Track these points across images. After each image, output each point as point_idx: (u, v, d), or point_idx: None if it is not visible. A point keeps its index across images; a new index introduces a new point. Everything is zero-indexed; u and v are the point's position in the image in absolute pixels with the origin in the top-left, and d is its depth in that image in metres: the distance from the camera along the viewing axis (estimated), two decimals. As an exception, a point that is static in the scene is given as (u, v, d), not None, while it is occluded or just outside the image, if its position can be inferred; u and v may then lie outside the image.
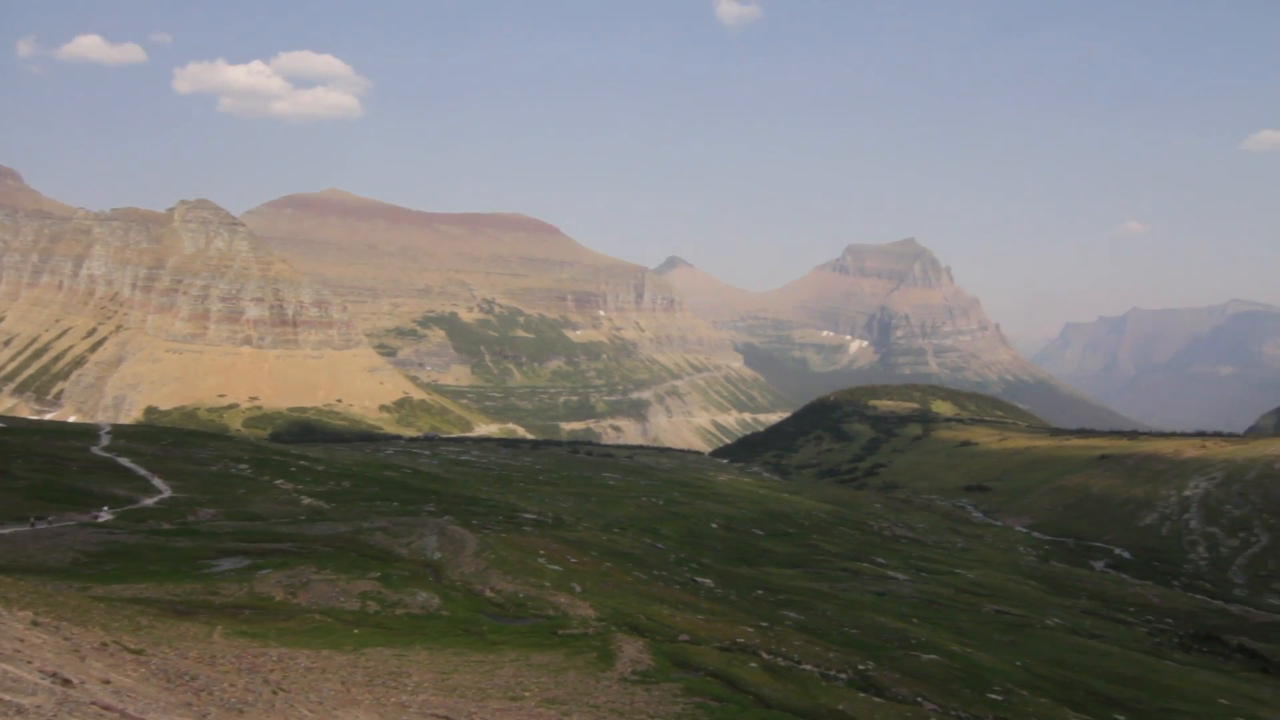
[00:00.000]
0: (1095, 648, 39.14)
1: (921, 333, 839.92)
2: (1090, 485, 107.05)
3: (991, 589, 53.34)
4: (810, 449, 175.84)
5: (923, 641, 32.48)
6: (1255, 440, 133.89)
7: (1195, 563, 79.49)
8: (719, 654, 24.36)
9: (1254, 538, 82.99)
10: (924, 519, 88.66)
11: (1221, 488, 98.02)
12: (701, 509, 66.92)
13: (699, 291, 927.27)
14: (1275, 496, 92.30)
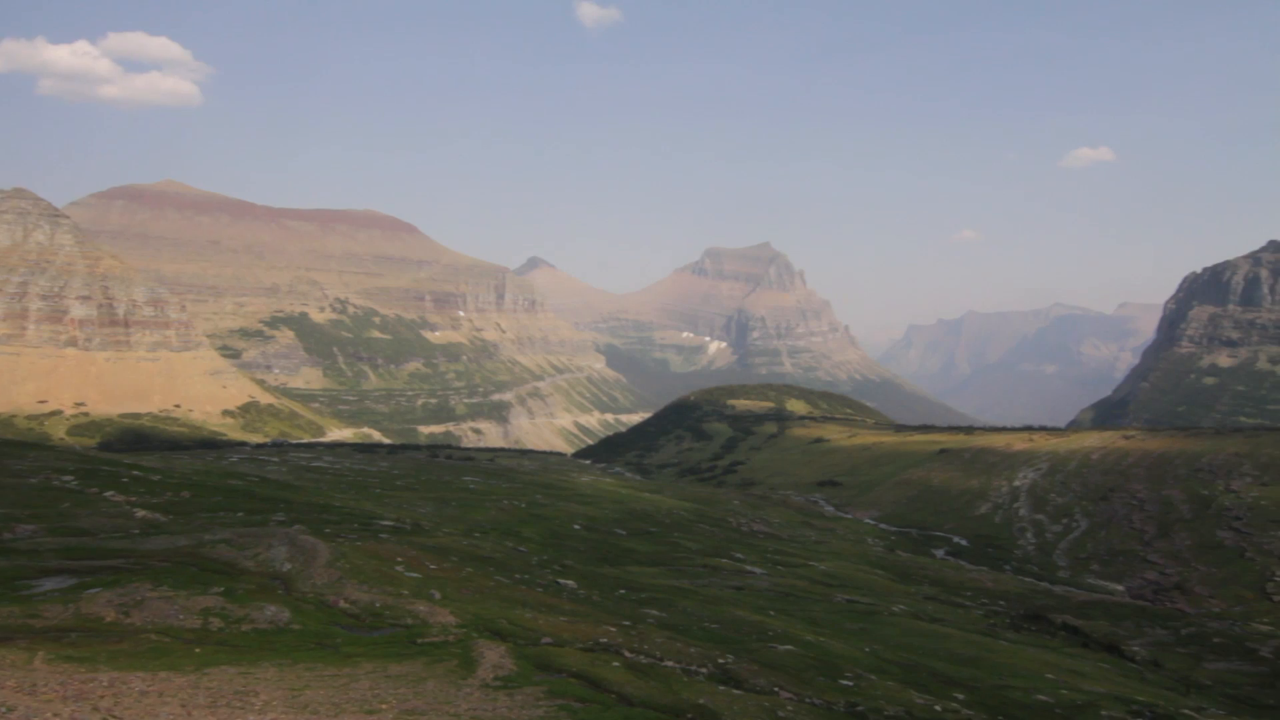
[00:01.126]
0: (937, 631, 41.29)
1: (777, 334, 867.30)
2: (931, 478, 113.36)
3: (843, 579, 55.56)
4: (671, 448, 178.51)
5: (779, 633, 33.39)
6: (1075, 433, 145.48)
7: (1024, 548, 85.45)
8: (582, 655, 24.26)
9: (1075, 523, 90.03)
10: (780, 514, 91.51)
11: (1046, 478, 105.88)
12: (564, 510, 66.71)
13: (561, 293, 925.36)
14: (1093, 485, 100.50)
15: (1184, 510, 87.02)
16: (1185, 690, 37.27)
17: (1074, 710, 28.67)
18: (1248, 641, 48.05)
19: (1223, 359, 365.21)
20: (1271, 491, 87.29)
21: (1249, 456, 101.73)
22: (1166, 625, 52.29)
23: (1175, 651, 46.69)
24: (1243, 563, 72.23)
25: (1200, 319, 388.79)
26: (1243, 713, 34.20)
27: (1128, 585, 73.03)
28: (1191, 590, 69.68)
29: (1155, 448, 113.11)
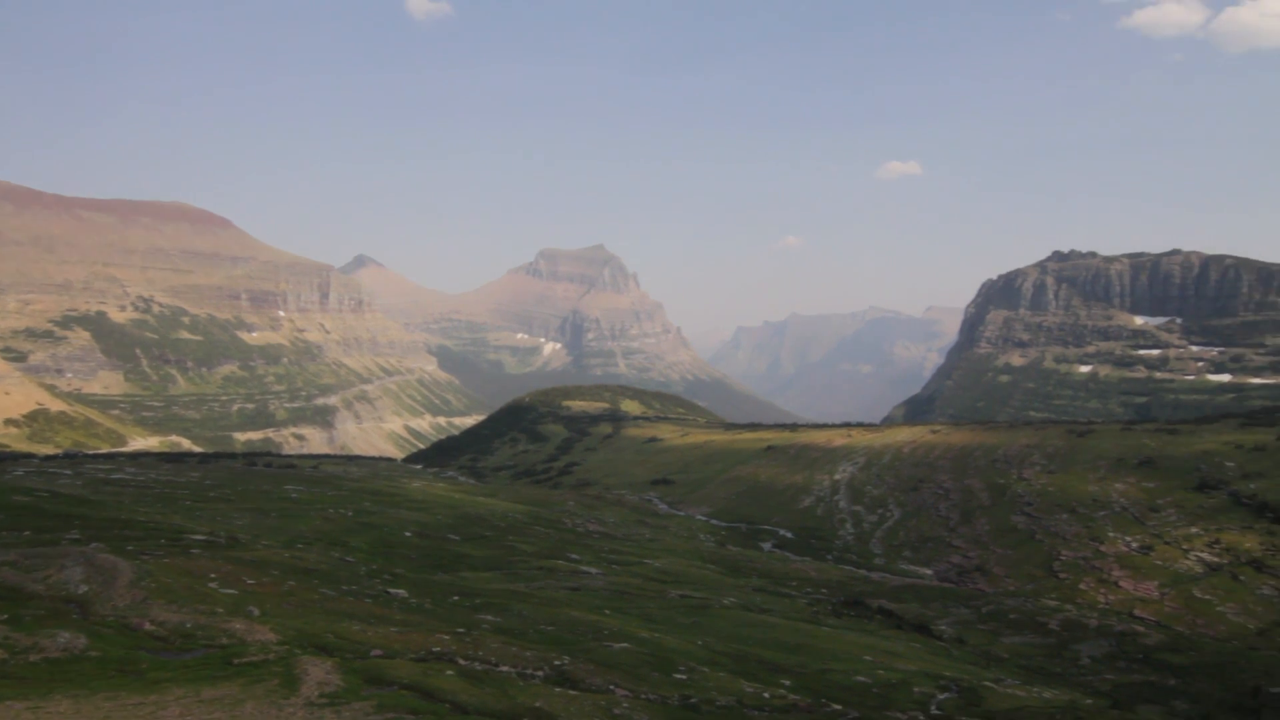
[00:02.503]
0: (765, 621, 42.78)
1: (611, 335, 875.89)
2: (759, 474, 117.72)
3: (676, 575, 56.66)
4: (506, 451, 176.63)
5: (615, 631, 33.59)
6: (889, 428, 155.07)
7: (844, 538, 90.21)
8: (414, 665, 23.52)
9: (889, 513, 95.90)
10: (615, 513, 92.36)
11: (863, 471, 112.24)
12: (394, 517, 64.56)
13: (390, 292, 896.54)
14: (905, 477, 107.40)
15: (984, 498, 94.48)
16: (986, 664, 40.40)
17: (889, 688, 30.41)
18: (1038, 616, 52.65)
19: (1015, 359, 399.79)
20: (1057, 479, 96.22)
21: (1038, 447, 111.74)
22: (969, 605, 56.50)
23: (977, 628, 50.53)
24: (1033, 544, 79.22)
25: (996, 322, 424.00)
26: (1034, 681, 37.41)
27: (936, 569, 78.48)
28: (990, 571, 75.74)
29: (958, 441, 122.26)
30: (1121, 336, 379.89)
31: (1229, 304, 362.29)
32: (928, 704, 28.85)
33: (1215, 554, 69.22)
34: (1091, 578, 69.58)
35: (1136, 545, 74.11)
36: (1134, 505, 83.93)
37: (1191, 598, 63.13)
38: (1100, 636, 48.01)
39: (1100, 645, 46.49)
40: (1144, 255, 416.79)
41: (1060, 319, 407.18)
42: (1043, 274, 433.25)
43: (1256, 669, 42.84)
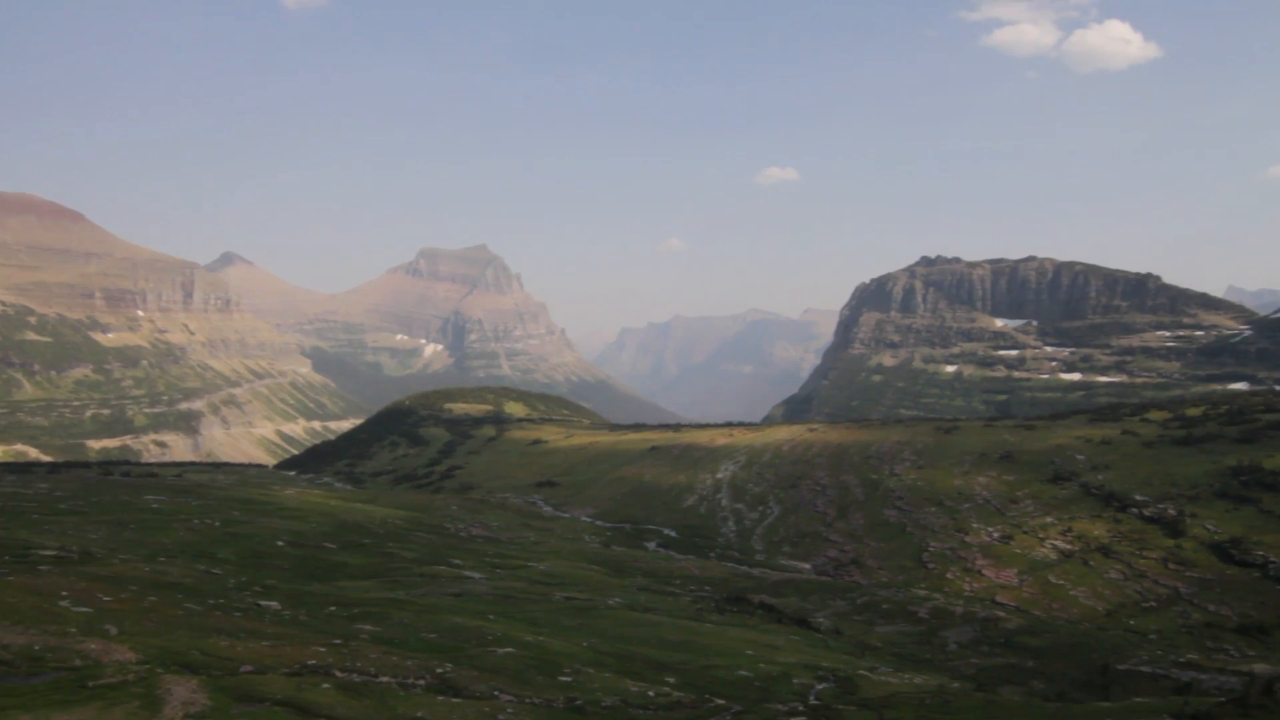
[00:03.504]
0: (650, 620, 43.06)
1: (494, 337, 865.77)
2: (643, 474, 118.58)
3: (561, 577, 56.41)
4: (386, 455, 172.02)
5: (499, 636, 33.14)
6: (769, 428, 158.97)
7: (727, 535, 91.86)
8: (287, 680, 22.53)
9: (769, 510, 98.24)
10: (499, 517, 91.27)
11: (745, 469, 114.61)
12: (266, 526, 61.86)
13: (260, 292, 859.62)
14: (784, 474, 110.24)
15: (858, 494, 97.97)
16: (861, 653, 41.85)
17: (770, 681, 31.09)
18: (909, 605, 54.94)
19: (887, 359, 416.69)
20: (925, 474, 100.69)
21: (908, 444, 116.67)
22: (845, 597, 58.45)
23: (853, 619, 52.32)
24: (904, 537, 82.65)
25: (869, 324, 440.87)
26: (906, 668, 38.99)
27: (814, 563, 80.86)
28: (865, 564, 78.58)
29: (835, 439, 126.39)
30: (983, 338, 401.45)
31: (1079, 308, 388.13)
32: (807, 694, 29.63)
33: (1068, 541, 73.87)
34: (957, 567, 73.11)
35: (998, 535, 78.31)
36: (995, 497, 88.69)
37: (1047, 583, 67.16)
38: (966, 623, 50.49)
39: (966, 631, 48.89)
40: (1003, 261, 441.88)
41: (928, 321, 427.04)
42: (912, 278, 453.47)
43: (1105, 648, 45.92)
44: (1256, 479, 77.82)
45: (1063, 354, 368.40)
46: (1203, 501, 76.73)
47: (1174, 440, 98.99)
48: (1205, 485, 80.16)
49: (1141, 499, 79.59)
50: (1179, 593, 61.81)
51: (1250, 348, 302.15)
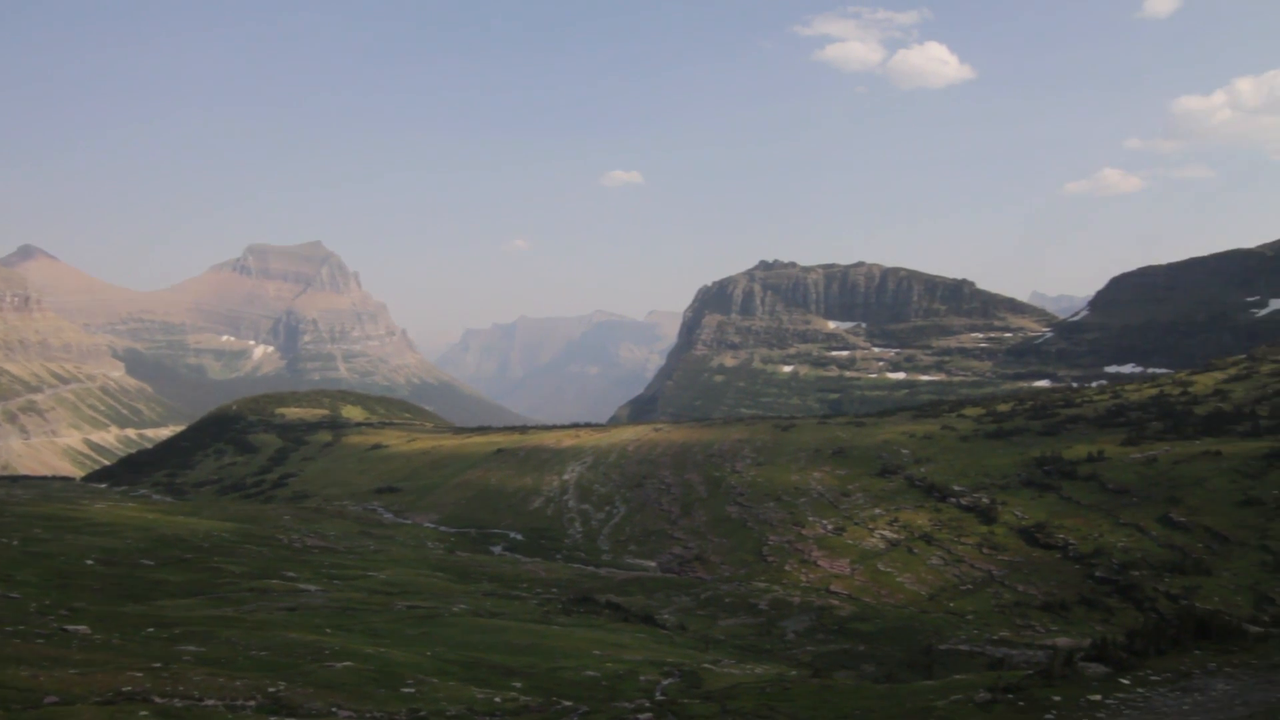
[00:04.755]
0: (495, 626, 42.46)
1: (330, 338, 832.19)
2: (489, 478, 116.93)
3: (404, 586, 54.75)
4: (211, 464, 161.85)
5: (337, 650, 31.76)
6: (615, 428, 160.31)
7: (573, 536, 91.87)
8: (99, 710, 20.70)
9: (615, 510, 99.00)
10: (336, 526, 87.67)
11: (591, 470, 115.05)
12: (73, 544, 56.84)
13: (65, 289, 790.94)
14: (630, 474, 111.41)
15: (701, 491, 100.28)
16: (705, 647, 42.79)
17: (617, 680, 31.26)
18: (750, 598, 56.68)
19: (728, 360, 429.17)
20: (765, 471, 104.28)
21: (748, 442, 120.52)
22: (689, 592, 59.65)
23: (696, 614, 53.45)
24: (745, 532, 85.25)
25: (711, 326, 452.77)
26: (748, 659, 40.18)
27: (659, 560, 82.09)
28: (708, 559, 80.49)
29: (679, 438, 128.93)
30: (817, 339, 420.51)
31: (903, 311, 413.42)
32: (653, 691, 29.98)
33: (895, 531, 78.35)
34: (795, 559, 76.09)
35: (831, 527, 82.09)
36: (829, 491, 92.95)
37: (877, 571, 70.95)
38: (803, 612, 52.59)
39: (802, 620, 50.93)
40: (835, 266, 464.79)
41: (767, 323, 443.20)
42: (751, 281, 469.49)
43: (928, 630, 48.94)
44: (1058, 468, 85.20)
45: (889, 354, 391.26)
46: (1012, 490, 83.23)
47: (987, 434, 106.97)
48: (1014, 475, 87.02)
49: (959, 489, 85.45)
50: (992, 575, 66.72)
51: (1052, 348, 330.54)
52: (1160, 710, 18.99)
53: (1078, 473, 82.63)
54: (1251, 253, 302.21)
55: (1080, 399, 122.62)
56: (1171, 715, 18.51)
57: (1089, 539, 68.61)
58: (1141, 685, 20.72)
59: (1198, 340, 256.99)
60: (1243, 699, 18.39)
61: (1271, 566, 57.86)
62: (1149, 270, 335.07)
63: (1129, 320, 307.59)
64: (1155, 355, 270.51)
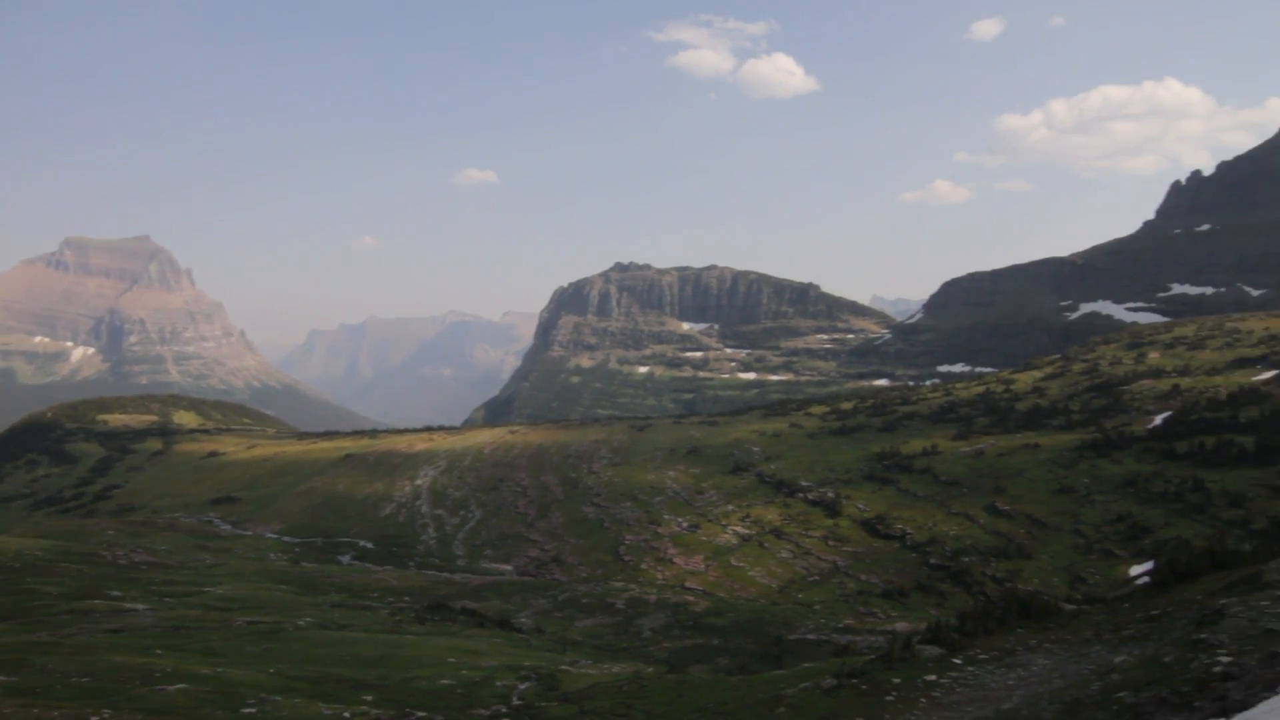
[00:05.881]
0: (344, 638, 40.95)
1: (160, 339, 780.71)
2: (336, 484, 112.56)
3: (243, 600, 51.92)
4: (22, 477, 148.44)
5: (169, 672, 29.75)
6: (470, 431, 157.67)
7: (427, 543, 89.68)
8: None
9: (471, 514, 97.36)
10: (167, 540, 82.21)
11: (445, 474, 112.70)
12: None
13: None
14: (486, 477, 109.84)
15: (558, 492, 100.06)
16: (562, 649, 42.68)
17: (473, 687, 30.73)
18: (607, 598, 56.98)
19: (585, 361, 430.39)
20: (621, 471, 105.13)
21: (605, 442, 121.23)
22: (546, 595, 59.38)
23: (554, 616, 53.27)
24: (602, 532, 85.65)
25: (567, 327, 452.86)
26: (605, 658, 40.36)
27: (516, 564, 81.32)
28: (566, 561, 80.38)
29: (536, 440, 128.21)
30: (672, 340, 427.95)
31: (754, 313, 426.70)
32: (510, 696, 29.65)
33: (746, 526, 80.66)
34: (651, 557, 77.07)
35: (686, 525, 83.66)
36: (684, 490, 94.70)
37: (730, 566, 72.83)
38: (659, 610, 53.33)
39: (659, 617, 51.63)
40: (689, 269, 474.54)
41: (622, 324, 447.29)
42: (607, 283, 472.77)
43: (779, 621, 50.63)
44: (896, 462, 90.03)
45: (740, 355, 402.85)
46: (855, 484, 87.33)
47: (832, 431, 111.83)
48: (857, 470, 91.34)
49: (806, 484, 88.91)
50: (837, 566, 69.76)
51: (890, 349, 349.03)
52: (988, 686, 20.34)
53: (914, 466, 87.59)
54: (1065, 261, 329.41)
55: (916, 397, 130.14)
56: (998, 690, 19.86)
57: (924, 528, 72.81)
58: (971, 664, 22.14)
59: (1019, 341, 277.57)
60: (1059, 671, 19.94)
61: (1083, 549, 63.12)
62: (976, 276, 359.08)
63: (959, 322, 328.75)
64: (982, 355, 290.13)
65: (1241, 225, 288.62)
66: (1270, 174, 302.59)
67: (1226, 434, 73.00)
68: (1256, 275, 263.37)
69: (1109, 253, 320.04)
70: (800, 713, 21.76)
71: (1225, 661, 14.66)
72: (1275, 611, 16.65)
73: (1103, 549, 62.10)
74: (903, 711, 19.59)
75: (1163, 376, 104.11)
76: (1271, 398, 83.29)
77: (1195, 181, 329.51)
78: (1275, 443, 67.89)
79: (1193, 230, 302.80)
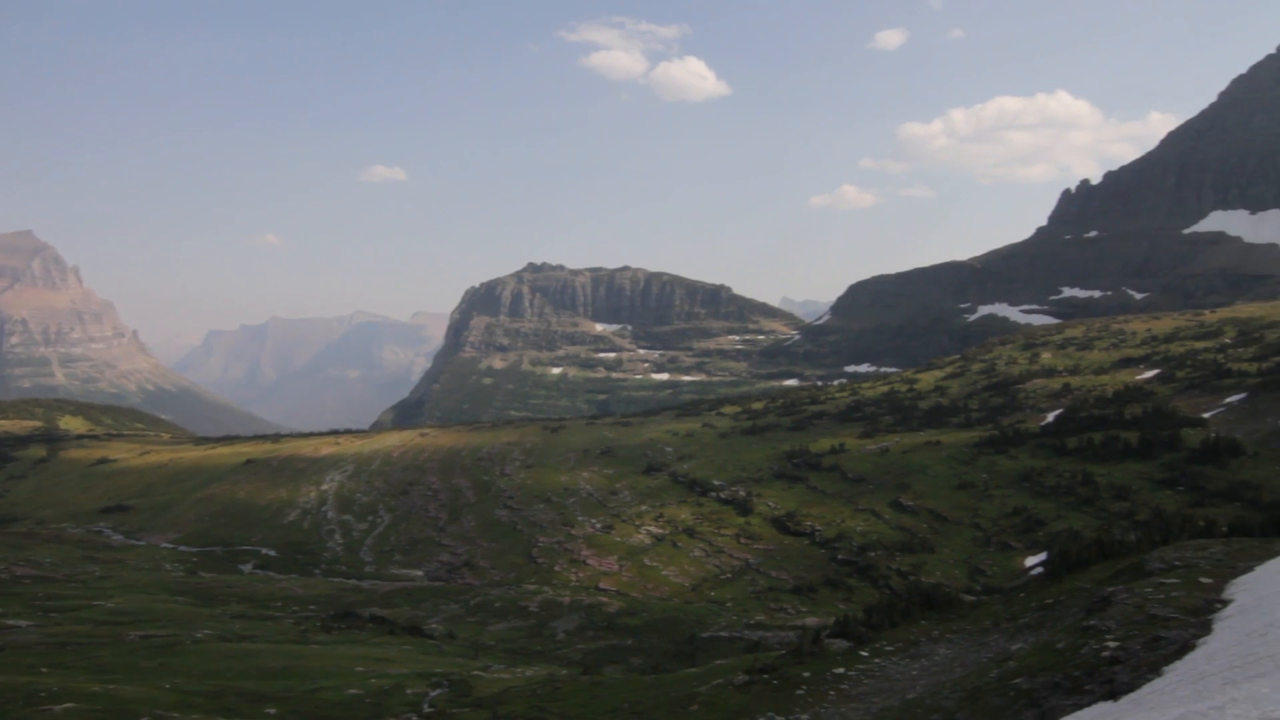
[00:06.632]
0: (247, 649, 39.58)
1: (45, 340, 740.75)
2: (237, 491, 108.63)
3: (136, 614, 49.61)
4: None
5: (55, 691, 28.22)
6: (378, 434, 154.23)
7: (333, 549, 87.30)
8: None
9: (379, 519, 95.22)
10: (53, 551, 77.94)
11: (353, 479, 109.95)
12: None
13: None
14: (395, 481, 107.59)
15: (470, 496, 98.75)
16: (475, 654, 42.11)
17: (382, 696, 30.04)
18: (520, 601, 56.49)
19: (497, 362, 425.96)
20: (534, 473, 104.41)
21: (518, 444, 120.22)
22: (458, 600, 58.52)
23: (466, 621, 52.53)
24: (515, 535, 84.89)
25: (479, 328, 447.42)
26: (519, 662, 39.99)
27: (426, 569, 79.89)
28: (478, 565, 79.36)
29: (447, 443, 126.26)
30: (585, 341, 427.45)
31: (666, 314, 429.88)
32: (420, 704, 29.10)
33: (660, 526, 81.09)
34: (565, 559, 76.76)
35: (600, 526, 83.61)
36: (598, 491, 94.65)
37: (643, 566, 73.09)
38: (572, 612, 53.14)
39: (572, 619, 51.45)
40: (602, 270, 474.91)
41: (535, 325, 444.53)
42: (520, 283, 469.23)
43: (692, 620, 51.06)
44: (805, 460, 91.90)
45: (654, 356, 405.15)
46: (766, 482, 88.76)
47: (743, 431, 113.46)
48: (767, 468, 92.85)
49: (719, 483, 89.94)
50: (749, 563, 70.76)
51: (799, 350, 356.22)
52: (894, 677, 20.91)
53: (822, 464, 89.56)
54: (964, 265, 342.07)
55: (824, 397, 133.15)
56: (903, 680, 20.44)
57: (833, 525, 74.51)
58: (878, 656, 22.73)
59: (921, 342, 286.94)
60: (960, 660, 20.64)
61: (982, 541, 65.60)
62: (881, 279, 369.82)
63: (865, 324, 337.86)
64: (887, 355, 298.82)
65: (1126, 232, 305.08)
66: (1151, 184, 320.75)
67: (1113, 430, 76.87)
68: (1139, 279, 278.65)
69: (1005, 257, 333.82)
70: (713, 709, 21.97)
71: (1113, 646, 15.40)
72: (1158, 598, 17.58)
73: (1000, 541, 64.66)
74: (813, 704, 19.97)
75: (1054, 376, 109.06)
76: (1154, 396, 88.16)
77: (1084, 190, 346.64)
78: (1157, 438, 71.82)
79: (1081, 236, 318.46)
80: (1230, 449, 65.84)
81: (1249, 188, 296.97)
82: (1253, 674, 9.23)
